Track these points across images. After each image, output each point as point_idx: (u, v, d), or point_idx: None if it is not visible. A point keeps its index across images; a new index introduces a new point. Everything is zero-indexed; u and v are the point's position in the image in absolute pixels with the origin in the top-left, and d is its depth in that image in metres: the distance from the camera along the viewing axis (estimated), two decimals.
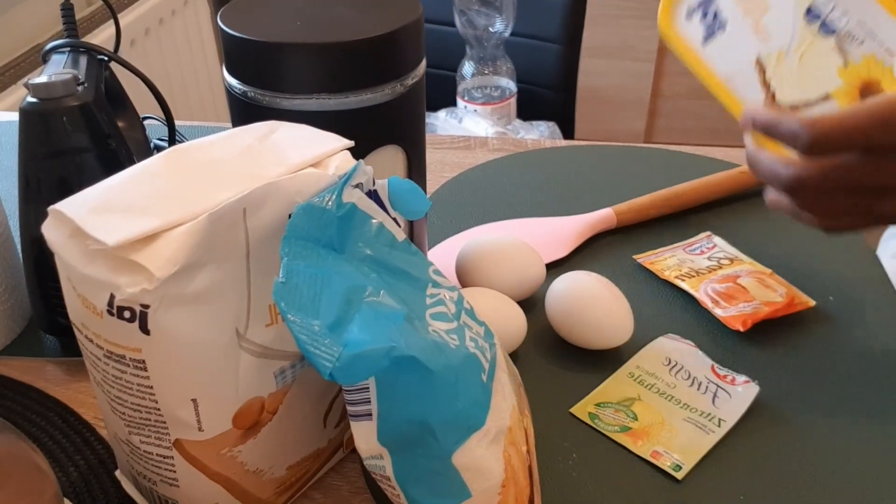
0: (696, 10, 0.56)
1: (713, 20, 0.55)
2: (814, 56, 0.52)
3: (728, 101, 0.56)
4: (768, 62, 0.54)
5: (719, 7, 0.55)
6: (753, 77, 0.54)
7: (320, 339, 0.34)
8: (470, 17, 1.31)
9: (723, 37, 0.55)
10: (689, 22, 0.56)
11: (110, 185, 0.38)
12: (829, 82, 0.52)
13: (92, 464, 0.50)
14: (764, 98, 0.54)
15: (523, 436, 0.41)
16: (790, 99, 0.53)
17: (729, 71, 0.55)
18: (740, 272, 0.63)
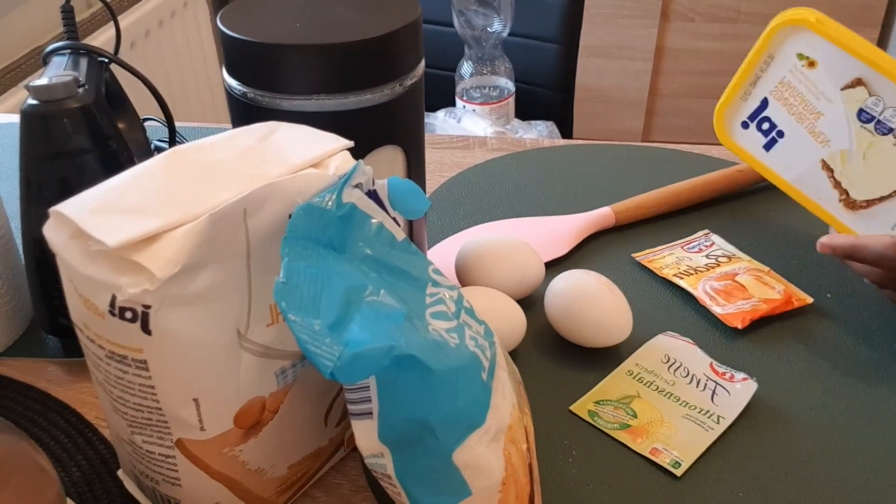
0: (750, 122, 0.59)
1: (769, 129, 0.58)
2: (877, 154, 0.55)
3: (803, 201, 0.59)
4: (833, 163, 0.57)
5: (772, 118, 0.58)
6: (822, 177, 0.57)
7: (321, 338, 0.35)
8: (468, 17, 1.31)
9: (784, 143, 0.58)
10: (747, 132, 0.59)
11: (111, 186, 0.38)
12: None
13: (94, 463, 0.50)
14: (838, 197, 0.57)
15: (523, 434, 0.41)
16: (864, 196, 0.56)
17: (796, 174, 0.58)
18: (738, 270, 0.63)
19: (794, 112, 0.57)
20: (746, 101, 0.59)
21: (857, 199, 0.56)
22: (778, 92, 0.57)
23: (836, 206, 0.58)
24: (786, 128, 0.58)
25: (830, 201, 0.58)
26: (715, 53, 2.18)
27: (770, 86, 0.58)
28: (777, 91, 0.57)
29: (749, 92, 0.59)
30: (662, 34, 2.17)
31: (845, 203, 0.57)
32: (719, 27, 2.15)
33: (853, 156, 0.56)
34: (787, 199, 0.74)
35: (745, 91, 0.59)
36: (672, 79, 2.24)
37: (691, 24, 2.15)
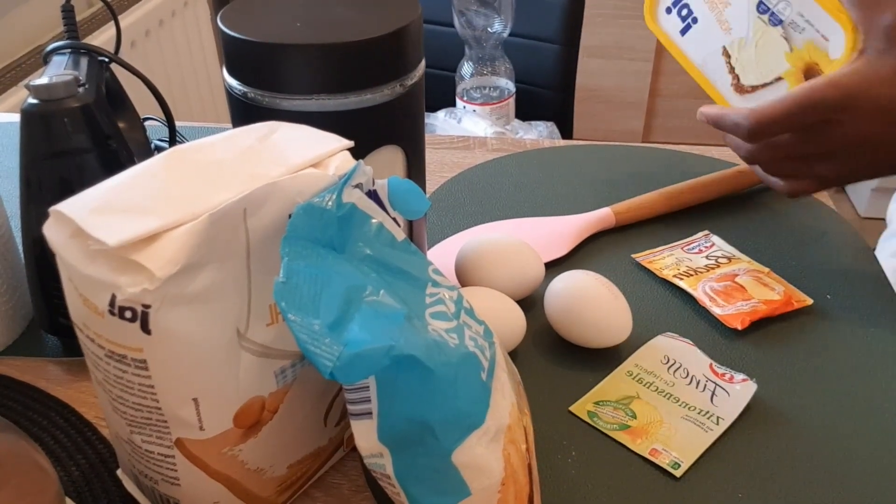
0: (672, 7, 0.65)
1: (686, 15, 0.64)
2: (767, 44, 0.60)
3: (704, 84, 0.65)
4: (732, 50, 0.63)
5: (690, 4, 0.64)
6: (721, 62, 0.64)
7: (321, 338, 0.35)
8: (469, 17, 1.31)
9: (696, 28, 0.64)
10: (669, 17, 0.65)
11: (111, 185, 0.38)
12: (780, 66, 0.61)
13: (93, 463, 0.50)
14: (731, 81, 0.64)
15: (523, 434, 0.41)
16: (750, 82, 0.62)
17: (702, 59, 0.65)
18: (738, 271, 0.63)
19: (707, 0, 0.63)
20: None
21: (745, 85, 0.63)
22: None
23: (729, 90, 0.64)
24: (699, 14, 0.63)
25: (725, 85, 0.64)
26: None
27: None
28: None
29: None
30: None
31: (735, 87, 0.63)
32: None
33: (748, 44, 0.61)
34: (787, 201, 0.74)
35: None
36: (672, 79, 2.25)
37: None
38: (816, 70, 0.59)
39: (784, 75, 0.60)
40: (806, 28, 0.58)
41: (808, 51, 0.58)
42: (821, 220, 0.72)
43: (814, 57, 0.58)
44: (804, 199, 0.75)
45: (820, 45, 0.58)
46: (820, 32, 0.58)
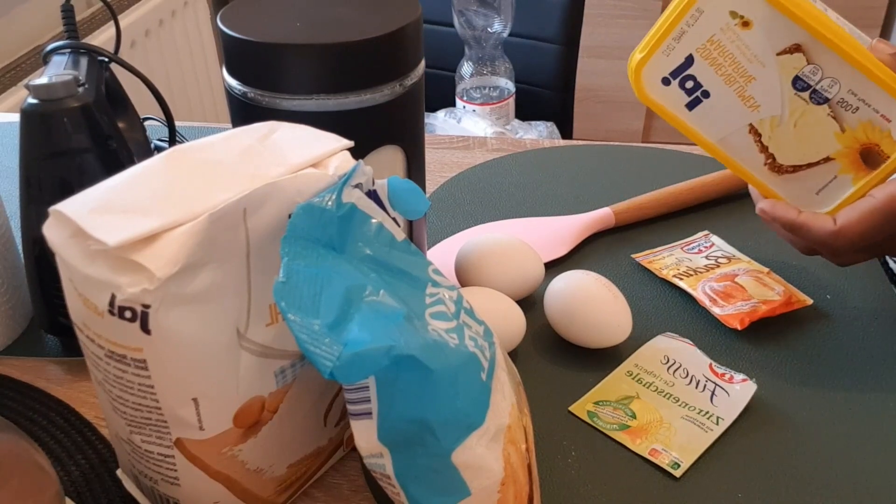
0: (672, 78, 0.53)
1: (693, 88, 0.53)
2: (809, 122, 0.52)
3: (724, 160, 0.56)
4: (762, 128, 0.53)
5: (697, 77, 0.53)
6: (748, 140, 0.54)
7: (320, 338, 0.35)
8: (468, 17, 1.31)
9: (708, 104, 0.54)
10: (668, 88, 0.54)
11: (111, 185, 0.38)
12: (828, 146, 0.53)
13: (93, 463, 0.50)
14: (763, 161, 0.54)
15: (522, 434, 0.41)
16: (791, 161, 0.54)
17: (720, 136, 0.54)
18: (738, 271, 0.63)
19: (722, 73, 0.52)
20: (669, 57, 0.53)
21: (784, 164, 0.54)
22: (706, 50, 0.52)
23: (761, 170, 0.55)
24: (712, 89, 0.53)
25: (755, 165, 0.55)
26: None
27: (697, 42, 0.52)
28: (705, 49, 0.52)
29: (672, 47, 0.52)
30: None
31: (771, 167, 0.55)
32: None
33: (784, 123, 0.53)
34: None
35: (668, 46, 0.52)
36: None
37: None
38: (876, 151, 0.52)
39: (834, 155, 0.53)
40: (860, 108, 0.51)
41: (864, 131, 0.52)
42: None
43: (872, 137, 0.52)
44: None
45: (879, 125, 0.51)
46: (879, 112, 0.51)
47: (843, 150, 0.53)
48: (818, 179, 0.54)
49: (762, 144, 0.54)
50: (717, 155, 0.55)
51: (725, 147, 0.55)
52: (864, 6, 2.06)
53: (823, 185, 0.54)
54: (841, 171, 0.54)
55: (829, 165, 0.53)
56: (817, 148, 0.53)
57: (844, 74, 0.51)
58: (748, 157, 0.55)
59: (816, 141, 0.53)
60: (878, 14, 2.08)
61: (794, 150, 0.54)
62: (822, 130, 0.52)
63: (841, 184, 0.54)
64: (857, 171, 0.53)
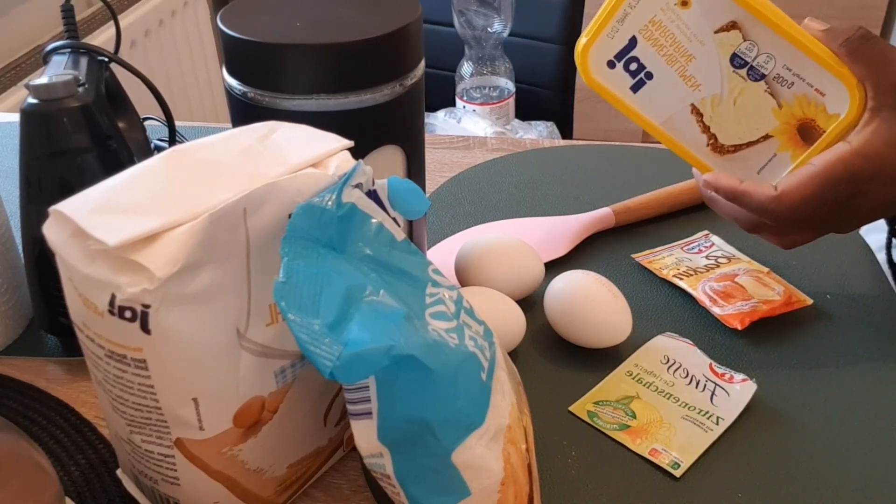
0: (616, 60, 0.54)
1: (637, 70, 0.54)
2: (748, 100, 0.53)
3: (668, 142, 0.56)
4: (703, 108, 0.54)
5: (640, 58, 0.54)
6: (691, 121, 0.55)
7: (320, 338, 0.35)
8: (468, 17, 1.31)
9: (651, 85, 0.54)
10: (613, 71, 0.55)
11: (111, 185, 0.38)
12: (767, 123, 0.54)
13: (93, 463, 0.50)
14: (706, 141, 0.55)
15: (522, 434, 0.41)
16: (732, 141, 0.55)
17: (664, 117, 0.55)
18: (738, 271, 0.63)
19: (664, 53, 0.53)
20: (613, 39, 0.54)
21: (726, 144, 0.55)
22: (648, 31, 0.53)
23: (704, 150, 0.56)
24: (655, 69, 0.54)
25: (698, 145, 0.56)
26: None
27: (639, 24, 0.53)
28: (647, 30, 0.53)
29: (616, 29, 0.53)
30: None
31: (713, 147, 0.55)
32: None
33: (724, 101, 0.54)
34: None
35: (612, 28, 0.53)
36: None
37: None
38: (813, 126, 0.53)
39: (772, 132, 0.54)
40: (795, 82, 0.52)
41: (801, 106, 0.53)
42: None
43: (808, 112, 0.53)
44: None
45: (814, 100, 0.53)
46: (813, 87, 0.52)
47: (781, 127, 0.54)
48: (758, 158, 0.55)
49: (704, 124, 0.55)
50: (661, 137, 0.56)
51: (669, 129, 0.56)
52: (863, 5, 2.06)
53: (764, 163, 0.55)
54: (780, 149, 0.55)
55: (768, 143, 0.55)
56: (756, 125, 0.54)
57: (779, 49, 0.52)
58: (691, 139, 0.55)
59: (755, 118, 0.54)
60: (878, 14, 2.08)
61: (734, 129, 0.55)
62: (761, 107, 0.53)
63: (780, 161, 0.55)
64: (795, 148, 0.54)
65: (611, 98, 0.55)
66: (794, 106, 0.53)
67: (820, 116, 0.53)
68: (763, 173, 0.56)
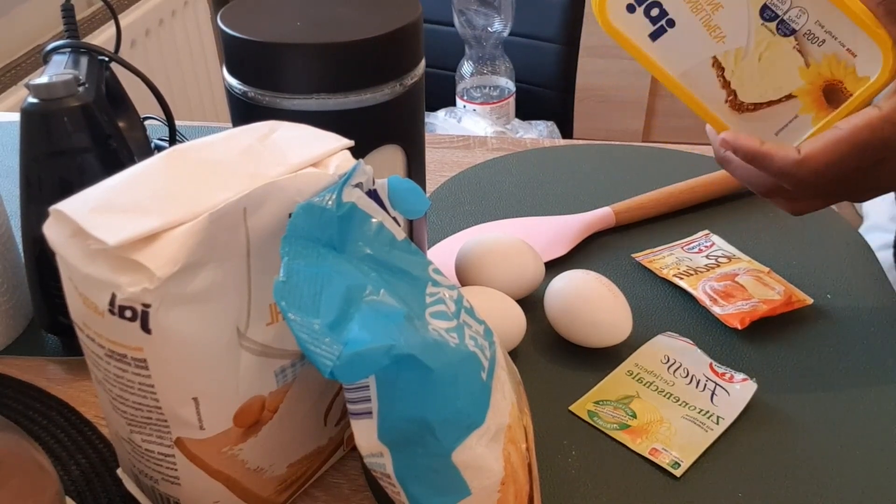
0: (637, 4, 0.51)
1: (659, 16, 0.51)
2: (774, 56, 0.51)
3: (684, 96, 0.53)
4: (726, 61, 0.51)
5: (663, 4, 0.50)
6: (711, 75, 0.52)
7: (321, 337, 0.35)
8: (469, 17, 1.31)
9: (672, 33, 0.51)
10: (633, 16, 0.51)
11: (111, 185, 0.38)
12: (792, 82, 0.51)
13: (93, 462, 0.50)
14: (724, 97, 0.53)
15: (523, 434, 0.41)
16: (752, 99, 0.52)
17: (683, 69, 0.52)
18: (738, 270, 0.63)
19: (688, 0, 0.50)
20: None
21: (745, 102, 0.52)
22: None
23: (722, 107, 0.53)
24: (678, 17, 0.50)
25: (716, 101, 0.52)
26: None
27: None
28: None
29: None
30: None
31: (731, 104, 0.52)
32: None
33: (748, 55, 0.50)
34: None
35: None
36: None
37: None
38: (840, 88, 0.50)
39: (796, 93, 0.51)
40: (827, 40, 0.49)
41: (829, 66, 0.50)
42: (821, 219, 0.72)
43: (836, 73, 0.50)
44: None
45: (844, 61, 0.49)
46: (845, 46, 0.49)
47: (805, 87, 0.51)
48: (779, 119, 0.53)
49: (724, 79, 0.52)
50: (677, 90, 0.53)
51: (687, 81, 0.52)
52: None
53: (784, 124, 0.53)
54: (802, 111, 0.52)
55: (790, 104, 0.52)
56: (780, 84, 0.51)
57: (813, 4, 0.49)
58: (709, 93, 0.52)
59: (780, 77, 0.51)
60: None
61: (756, 86, 0.52)
62: (787, 65, 0.51)
63: (801, 123, 0.52)
64: (819, 111, 0.52)
65: (627, 45, 0.52)
66: (822, 65, 0.50)
67: (849, 78, 0.50)
68: (781, 135, 0.53)
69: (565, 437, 0.51)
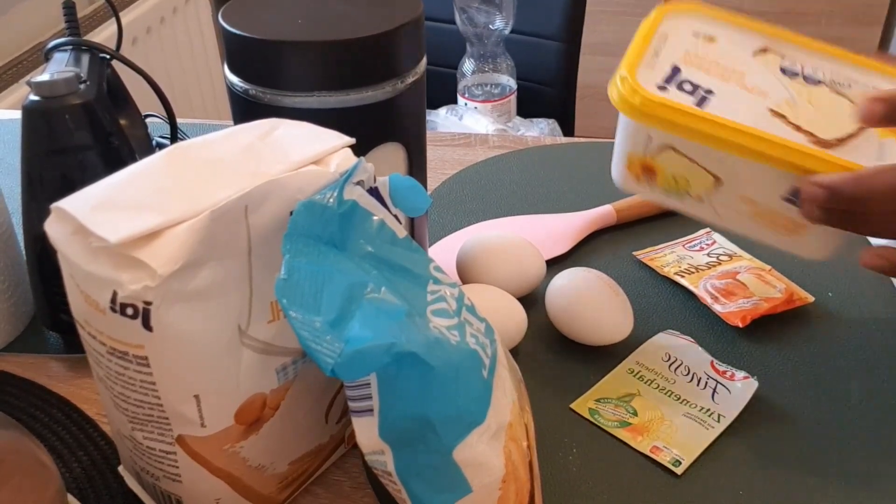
0: (667, 84, 0.48)
1: (694, 89, 0.48)
2: (820, 100, 0.49)
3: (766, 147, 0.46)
4: (783, 110, 0.48)
5: (692, 80, 0.48)
6: (778, 123, 0.48)
7: (322, 335, 0.35)
8: (470, 14, 1.31)
9: (717, 100, 0.48)
10: (668, 94, 0.48)
11: (112, 182, 0.38)
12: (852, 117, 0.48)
13: (95, 459, 0.51)
14: (806, 139, 0.47)
15: (524, 431, 0.41)
16: (832, 134, 0.48)
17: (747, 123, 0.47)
18: (739, 268, 0.63)
19: (714, 73, 0.49)
20: (654, 70, 0.49)
21: (829, 138, 0.47)
22: (688, 59, 0.50)
23: (810, 149, 0.47)
24: (713, 86, 0.48)
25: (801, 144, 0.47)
26: None
27: (675, 56, 0.50)
28: (686, 58, 0.50)
29: (653, 63, 0.49)
30: None
31: (817, 143, 0.47)
32: None
33: (798, 103, 0.48)
34: None
35: (648, 62, 0.49)
36: None
37: None
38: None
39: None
40: (853, 84, 0.49)
41: None
42: None
43: None
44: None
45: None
46: (871, 84, 0.49)
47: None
48: (869, 147, 0.48)
49: (794, 125, 0.48)
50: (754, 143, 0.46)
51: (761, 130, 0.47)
52: (865, 3, 2.06)
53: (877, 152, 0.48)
54: (882, 135, 0.48)
55: (867, 134, 0.48)
56: (845, 120, 0.48)
57: (820, 62, 0.50)
58: (789, 139, 0.47)
59: (839, 114, 0.48)
60: (881, 12, 2.07)
61: (827, 125, 0.48)
62: (837, 105, 0.49)
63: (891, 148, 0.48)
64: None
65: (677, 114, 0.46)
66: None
67: None
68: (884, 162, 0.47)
69: (566, 434, 0.51)
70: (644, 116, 0.48)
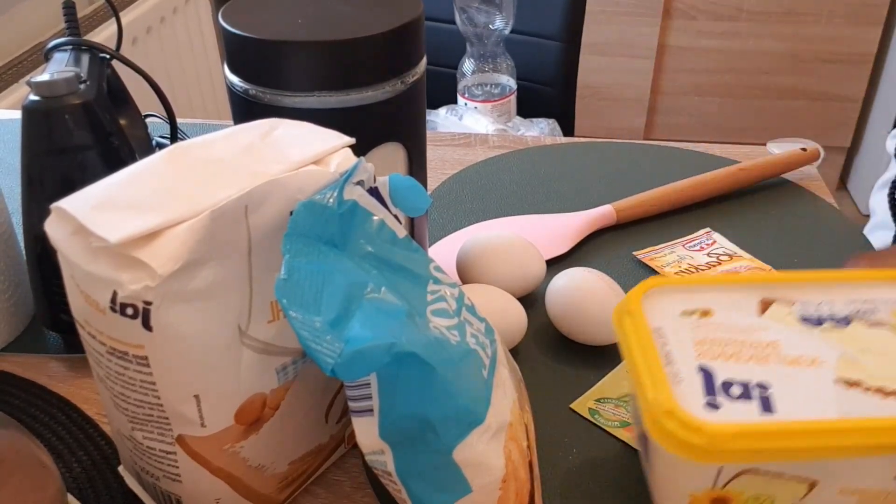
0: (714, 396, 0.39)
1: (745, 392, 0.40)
2: (864, 343, 0.42)
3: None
4: (852, 375, 0.41)
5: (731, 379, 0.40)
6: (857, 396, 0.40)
7: (322, 335, 0.35)
8: (470, 14, 1.31)
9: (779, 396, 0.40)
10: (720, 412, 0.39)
11: (113, 182, 0.38)
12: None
13: (95, 459, 0.51)
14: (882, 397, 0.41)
15: (524, 431, 0.41)
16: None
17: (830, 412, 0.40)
18: (739, 268, 0.63)
19: (746, 356, 0.41)
20: (682, 384, 0.40)
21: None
22: (704, 351, 0.41)
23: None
24: (761, 377, 0.40)
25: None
26: (717, 51, 2.18)
27: (689, 353, 0.41)
28: (703, 351, 0.41)
29: (675, 374, 0.40)
30: (664, 32, 2.17)
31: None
32: (721, 25, 2.15)
33: (856, 356, 0.41)
34: (788, 198, 0.74)
35: (671, 375, 0.40)
36: (674, 77, 2.24)
37: (693, 21, 2.15)
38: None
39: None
40: (877, 307, 0.44)
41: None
42: (823, 217, 0.72)
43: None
44: (806, 197, 0.74)
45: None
46: (887, 301, 0.44)
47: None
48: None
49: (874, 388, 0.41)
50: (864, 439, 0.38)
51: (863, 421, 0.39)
52: (865, 3, 2.06)
53: None
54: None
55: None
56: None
57: (829, 295, 0.44)
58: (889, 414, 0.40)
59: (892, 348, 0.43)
60: (881, 12, 2.08)
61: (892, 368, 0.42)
62: (884, 340, 0.43)
63: None
64: None
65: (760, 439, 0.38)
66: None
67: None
68: None
69: (566, 434, 0.51)
70: (717, 455, 0.38)
